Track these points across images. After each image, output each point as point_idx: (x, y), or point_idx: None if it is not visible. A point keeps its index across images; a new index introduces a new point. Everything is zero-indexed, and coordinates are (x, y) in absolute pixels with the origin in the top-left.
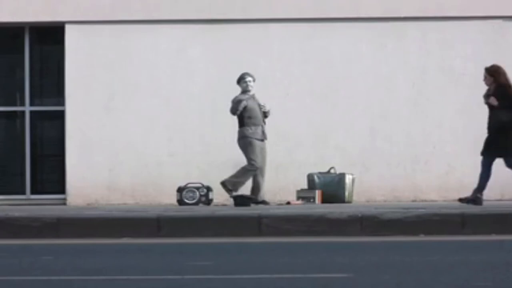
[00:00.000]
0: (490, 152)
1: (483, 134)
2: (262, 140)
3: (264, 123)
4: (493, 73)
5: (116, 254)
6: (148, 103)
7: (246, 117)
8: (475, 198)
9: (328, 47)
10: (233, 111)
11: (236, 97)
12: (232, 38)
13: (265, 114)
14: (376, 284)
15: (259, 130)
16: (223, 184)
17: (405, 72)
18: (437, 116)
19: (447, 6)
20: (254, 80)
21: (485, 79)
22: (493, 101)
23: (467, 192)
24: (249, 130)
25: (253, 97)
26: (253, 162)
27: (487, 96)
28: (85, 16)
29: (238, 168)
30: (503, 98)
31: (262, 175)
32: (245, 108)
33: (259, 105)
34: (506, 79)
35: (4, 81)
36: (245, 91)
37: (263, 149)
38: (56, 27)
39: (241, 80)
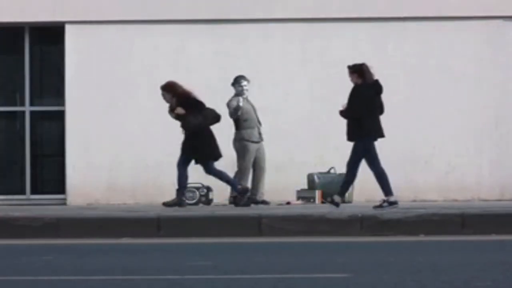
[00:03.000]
0: (185, 154)
1: (484, 134)
2: (259, 142)
3: (260, 124)
4: (169, 89)
5: (116, 254)
6: (148, 103)
7: (242, 120)
8: (179, 200)
9: (328, 47)
10: (233, 116)
11: (231, 100)
12: (232, 38)
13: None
14: (376, 284)
15: (255, 132)
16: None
17: (405, 72)
18: (437, 116)
19: (447, 6)
20: (248, 83)
21: (164, 97)
22: (180, 110)
23: (468, 192)
24: (246, 133)
25: (246, 99)
26: (241, 167)
27: (171, 111)
28: (85, 16)
29: (236, 169)
30: (187, 105)
31: (261, 176)
32: (240, 110)
33: (253, 106)
34: (183, 89)
35: (4, 81)
36: (239, 94)
37: (259, 150)
38: (56, 27)
39: (236, 83)
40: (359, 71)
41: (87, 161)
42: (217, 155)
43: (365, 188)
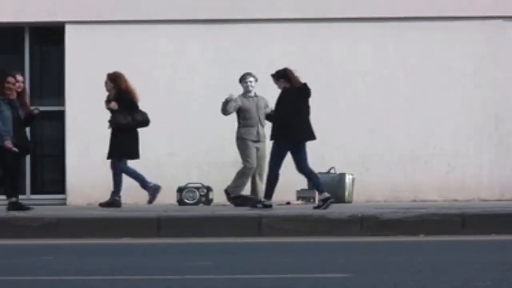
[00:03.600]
0: (114, 153)
1: (484, 134)
2: (258, 141)
3: (262, 124)
4: (115, 79)
5: (116, 254)
6: (148, 103)
7: (241, 117)
8: (113, 200)
9: (328, 47)
10: (222, 111)
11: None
12: (232, 38)
13: (268, 116)
14: (376, 284)
15: (253, 131)
16: (226, 191)
17: (405, 72)
18: (437, 116)
19: (447, 6)
20: (256, 80)
21: (106, 84)
22: (114, 106)
23: (468, 192)
24: (242, 131)
25: (254, 96)
26: (246, 164)
27: (108, 102)
28: (85, 16)
29: (237, 167)
30: (123, 102)
31: (261, 176)
32: (240, 108)
33: (261, 107)
34: (127, 86)
35: None
36: (246, 91)
37: (259, 150)
38: (56, 27)
39: (242, 80)
40: (284, 76)
41: (87, 161)
42: (134, 155)
43: (365, 188)
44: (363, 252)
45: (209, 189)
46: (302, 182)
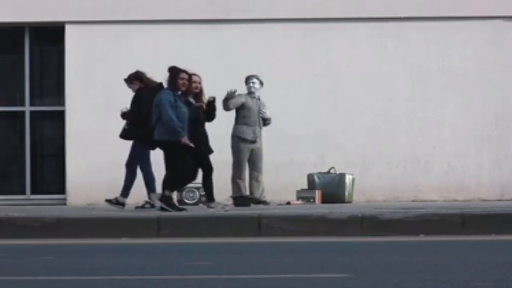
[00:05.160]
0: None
1: (484, 134)
2: (254, 142)
3: (260, 127)
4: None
5: (116, 254)
6: None
7: (241, 115)
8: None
9: (328, 47)
10: (224, 107)
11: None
12: (232, 38)
13: (264, 122)
14: (376, 284)
15: (249, 131)
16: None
17: (405, 72)
18: (437, 116)
19: (447, 6)
20: (261, 83)
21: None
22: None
23: (468, 192)
24: (240, 129)
25: (257, 98)
26: (234, 165)
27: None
28: (85, 16)
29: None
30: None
31: (257, 176)
32: (242, 105)
33: (260, 109)
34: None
35: (4, 81)
36: (249, 92)
37: (255, 151)
38: (56, 27)
39: (246, 81)
40: (136, 78)
41: (87, 161)
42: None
43: (365, 188)
44: (363, 252)
45: None
46: (302, 182)
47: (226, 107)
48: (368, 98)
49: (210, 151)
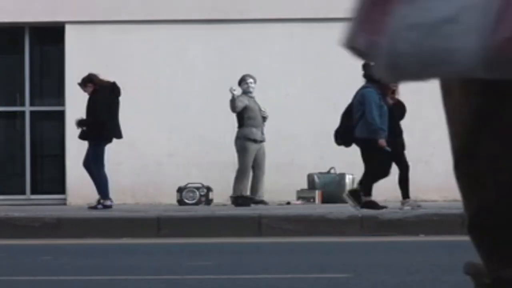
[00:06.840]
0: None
1: None
2: (261, 142)
3: (263, 125)
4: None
5: (116, 254)
6: (148, 103)
7: (246, 117)
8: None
9: (328, 47)
10: (232, 109)
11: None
12: (232, 38)
13: (264, 119)
14: (376, 284)
15: (259, 131)
16: (232, 197)
17: None
18: (437, 116)
19: None
20: (255, 82)
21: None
22: None
23: None
24: (248, 131)
25: (253, 99)
26: (241, 166)
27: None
28: (85, 16)
29: (237, 167)
30: None
31: (261, 176)
32: (246, 107)
33: (259, 107)
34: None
35: (4, 81)
36: (246, 92)
37: (260, 150)
38: (56, 27)
39: (242, 81)
40: (90, 81)
41: None
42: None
43: None
44: (363, 252)
45: (209, 189)
46: (302, 182)
47: (234, 109)
48: None
49: (403, 147)
